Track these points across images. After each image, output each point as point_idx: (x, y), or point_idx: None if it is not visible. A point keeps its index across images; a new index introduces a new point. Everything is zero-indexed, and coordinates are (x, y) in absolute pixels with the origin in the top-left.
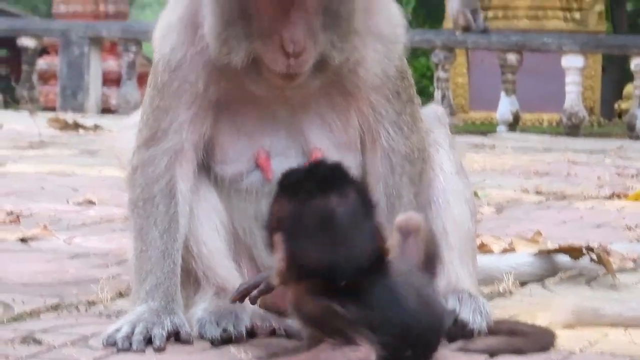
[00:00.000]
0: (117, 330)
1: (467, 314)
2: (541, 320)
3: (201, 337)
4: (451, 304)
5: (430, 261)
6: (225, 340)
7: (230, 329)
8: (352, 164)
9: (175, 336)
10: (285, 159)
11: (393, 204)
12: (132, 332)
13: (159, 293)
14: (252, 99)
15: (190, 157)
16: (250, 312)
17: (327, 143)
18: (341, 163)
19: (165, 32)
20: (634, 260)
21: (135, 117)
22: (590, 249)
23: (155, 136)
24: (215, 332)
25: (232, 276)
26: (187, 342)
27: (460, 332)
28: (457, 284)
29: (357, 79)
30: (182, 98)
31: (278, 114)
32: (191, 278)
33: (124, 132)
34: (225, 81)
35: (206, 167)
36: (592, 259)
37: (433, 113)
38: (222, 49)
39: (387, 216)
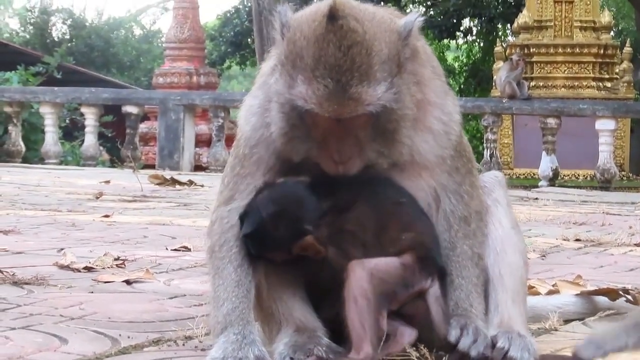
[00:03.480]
0: None
1: (516, 352)
2: None
3: None
4: (501, 342)
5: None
6: None
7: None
8: None
9: None
10: None
11: (447, 255)
12: None
13: (235, 316)
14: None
15: None
16: (324, 347)
17: None
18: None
19: (248, 115)
20: None
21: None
22: (626, 291)
23: (233, 196)
24: None
25: (308, 316)
26: None
27: None
28: (509, 323)
29: (412, 161)
30: (259, 167)
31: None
32: (274, 319)
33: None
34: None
35: None
36: (627, 300)
37: (494, 177)
38: (285, 147)
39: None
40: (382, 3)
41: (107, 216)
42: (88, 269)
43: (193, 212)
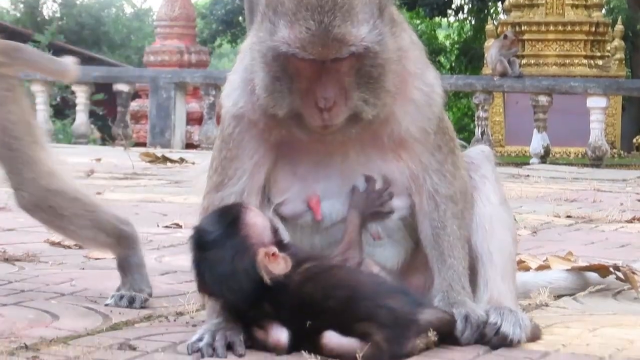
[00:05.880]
0: (199, 339)
1: (508, 327)
2: (574, 329)
3: None
4: (493, 318)
5: None
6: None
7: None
8: (401, 204)
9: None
10: (336, 202)
11: (438, 234)
12: (214, 340)
13: None
14: (305, 149)
15: (253, 198)
16: None
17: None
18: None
19: (230, 91)
20: None
21: (208, 161)
22: (617, 268)
23: (223, 182)
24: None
25: None
26: None
27: (502, 343)
28: (499, 299)
29: (392, 134)
30: (245, 148)
31: (330, 161)
32: None
33: (203, 175)
34: (279, 129)
35: (269, 202)
36: (617, 277)
37: (481, 152)
38: (269, 102)
39: (434, 245)
40: None
41: (98, 193)
42: (79, 245)
43: (184, 190)
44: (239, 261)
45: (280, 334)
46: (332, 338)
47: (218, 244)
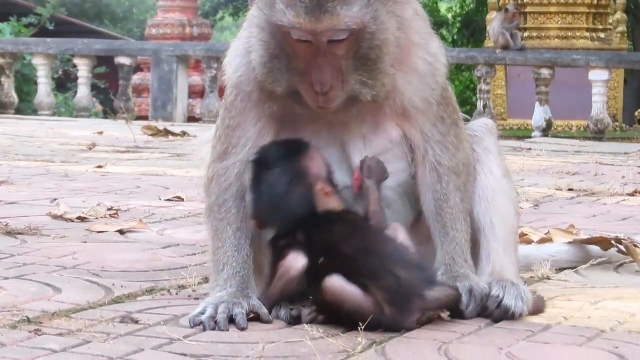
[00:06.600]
0: (202, 312)
1: (510, 300)
2: (575, 301)
3: (276, 318)
4: (495, 290)
5: None
6: (297, 319)
7: (301, 309)
8: (397, 175)
9: (255, 316)
10: (336, 171)
11: (441, 206)
12: (216, 313)
13: (235, 280)
14: (306, 119)
15: None
16: None
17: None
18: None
19: (232, 57)
20: None
21: (210, 133)
22: (618, 241)
23: (227, 151)
24: (288, 313)
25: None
26: (267, 322)
27: (503, 315)
28: (501, 272)
29: (394, 105)
30: (247, 117)
31: (330, 131)
32: (265, 271)
33: (203, 146)
34: (276, 102)
35: None
36: (619, 250)
37: (484, 125)
38: (267, 78)
39: (436, 217)
40: None
41: (100, 167)
42: (81, 219)
43: (186, 163)
44: (296, 185)
45: (296, 259)
46: (336, 280)
47: (279, 165)
